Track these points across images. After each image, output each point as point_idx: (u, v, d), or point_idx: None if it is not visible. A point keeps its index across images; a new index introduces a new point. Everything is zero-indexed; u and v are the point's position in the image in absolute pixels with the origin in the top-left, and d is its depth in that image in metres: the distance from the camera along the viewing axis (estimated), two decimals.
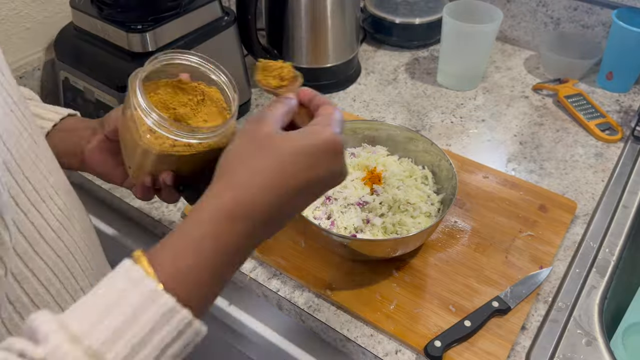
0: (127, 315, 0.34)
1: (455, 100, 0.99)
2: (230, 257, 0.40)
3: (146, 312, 0.34)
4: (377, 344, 0.62)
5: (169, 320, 0.35)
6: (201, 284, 0.38)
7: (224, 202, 0.40)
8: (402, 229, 0.68)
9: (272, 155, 0.42)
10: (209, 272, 0.38)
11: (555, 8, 1.06)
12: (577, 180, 0.82)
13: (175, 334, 0.35)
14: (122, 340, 0.33)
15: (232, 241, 0.40)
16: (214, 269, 0.39)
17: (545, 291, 0.67)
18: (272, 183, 0.41)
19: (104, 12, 0.79)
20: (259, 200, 0.41)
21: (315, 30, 0.96)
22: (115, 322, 0.34)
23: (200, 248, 0.38)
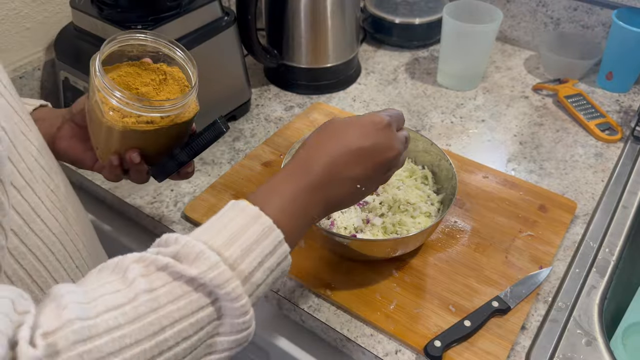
0: (238, 228, 0.43)
1: (455, 100, 0.99)
2: (305, 199, 0.49)
3: (251, 228, 0.44)
4: (377, 344, 0.62)
5: (268, 236, 0.44)
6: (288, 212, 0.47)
7: (298, 163, 0.51)
8: (402, 229, 0.68)
9: (336, 137, 0.52)
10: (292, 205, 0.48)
11: (555, 8, 1.06)
12: (577, 180, 0.82)
13: (271, 248, 0.44)
14: (236, 244, 0.42)
15: (305, 185, 0.49)
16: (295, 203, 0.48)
17: (545, 291, 0.67)
18: (329, 152, 0.51)
19: (104, 12, 0.79)
20: (320, 166, 0.50)
21: (315, 30, 0.96)
22: (229, 232, 0.43)
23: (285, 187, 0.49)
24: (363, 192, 0.53)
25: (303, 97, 1.00)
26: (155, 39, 0.57)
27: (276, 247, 0.45)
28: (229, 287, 0.40)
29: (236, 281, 0.41)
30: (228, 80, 0.90)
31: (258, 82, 1.04)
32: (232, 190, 0.79)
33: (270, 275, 0.44)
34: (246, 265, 0.42)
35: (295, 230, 0.48)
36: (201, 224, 0.76)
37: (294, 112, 0.97)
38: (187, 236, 0.42)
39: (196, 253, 0.41)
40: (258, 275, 0.43)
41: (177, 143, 0.59)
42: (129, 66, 0.58)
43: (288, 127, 0.92)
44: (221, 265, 0.40)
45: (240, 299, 0.41)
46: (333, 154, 0.51)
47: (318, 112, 0.95)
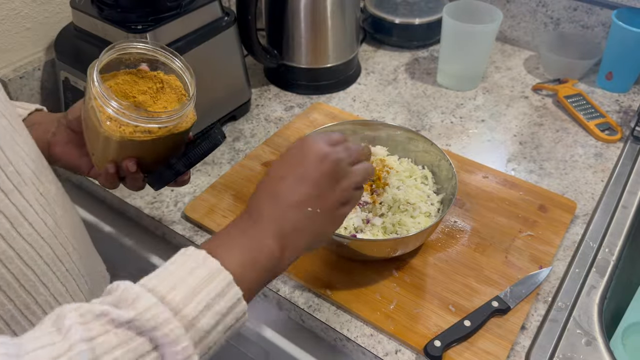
0: (198, 283, 0.41)
1: (455, 101, 0.99)
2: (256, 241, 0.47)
3: (212, 283, 0.41)
4: (377, 344, 0.62)
5: (227, 293, 0.42)
6: (247, 274, 0.45)
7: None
8: (402, 229, 0.68)
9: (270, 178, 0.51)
10: (241, 251, 0.45)
11: (555, 8, 1.06)
12: (577, 180, 0.82)
13: (230, 305, 0.42)
14: (194, 301, 0.40)
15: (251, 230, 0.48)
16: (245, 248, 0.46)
17: (545, 291, 0.67)
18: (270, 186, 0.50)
19: (104, 12, 0.79)
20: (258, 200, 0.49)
21: (315, 30, 0.96)
22: (174, 276, 0.41)
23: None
24: (322, 213, 0.50)
25: (303, 97, 1.00)
26: (154, 48, 0.57)
27: (225, 290, 0.42)
28: (166, 329, 0.37)
29: (175, 322, 0.38)
30: (228, 81, 0.90)
31: (258, 82, 1.04)
32: (232, 191, 0.80)
33: (221, 322, 0.41)
34: (190, 309, 0.39)
35: (248, 274, 0.45)
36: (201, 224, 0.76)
37: (294, 112, 0.97)
38: (129, 282, 0.40)
39: (134, 295, 0.38)
40: (205, 320, 0.40)
41: (174, 152, 0.59)
42: (126, 74, 0.58)
43: (288, 127, 0.92)
44: (158, 305, 0.38)
45: (180, 342, 0.38)
46: (271, 189, 0.49)
47: (318, 112, 0.95)
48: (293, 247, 0.49)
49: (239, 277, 0.43)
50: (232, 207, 0.77)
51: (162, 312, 0.38)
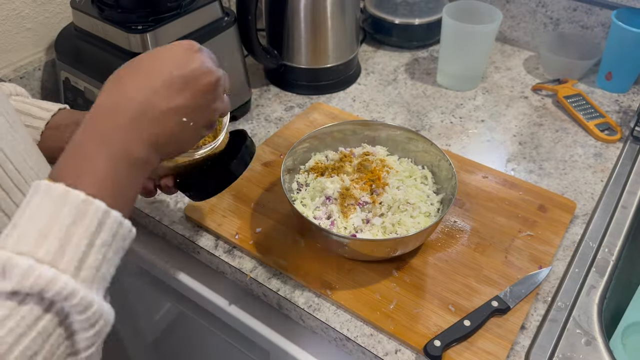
0: (46, 218, 0.37)
1: (455, 101, 0.99)
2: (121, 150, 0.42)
3: (62, 210, 0.37)
4: (376, 344, 0.62)
5: (86, 212, 0.38)
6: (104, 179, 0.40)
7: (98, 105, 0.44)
8: (402, 229, 0.68)
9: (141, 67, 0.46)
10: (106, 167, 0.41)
11: (555, 8, 1.06)
12: (577, 180, 0.82)
13: (96, 223, 0.38)
14: (48, 238, 0.36)
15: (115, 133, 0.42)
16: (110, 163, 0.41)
17: (544, 291, 0.67)
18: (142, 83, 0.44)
19: (105, 13, 0.79)
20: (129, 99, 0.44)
21: (315, 31, 0.96)
22: (36, 226, 0.37)
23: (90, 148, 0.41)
24: (193, 128, 0.47)
25: (303, 97, 1.00)
26: None
27: (102, 220, 0.39)
28: (56, 287, 0.35)
29: (62, 277, 0.36)
30: None
31: (258, 83, 1.05)
32: (232, 190, 0.80)
33: (109, 249, 0.39)
34: (71, 255, 0.37)
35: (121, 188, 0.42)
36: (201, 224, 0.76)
37: (294, 112, 0.97)
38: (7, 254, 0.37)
39: (3, 263, 0.35)
40: (91, 260, 0.38)
41: (211, 166, 0.60)
42: None
43: (288, 127, 0.92)
44: (37, 267, 0.35)
45: (76, 294, 0.36)
46: (146, 89, 0.44)
47: (318, 112, 0.95)
48: (158, 154, 0.46)
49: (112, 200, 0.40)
50: (232, 206, 0.77)
51: (42, 275, 0.35)
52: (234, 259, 0.71)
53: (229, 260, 0.71)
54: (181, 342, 1.02)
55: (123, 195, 0.42)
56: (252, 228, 0.74)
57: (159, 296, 0.90)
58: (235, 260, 0.71)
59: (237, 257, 0.72)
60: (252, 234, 0.73)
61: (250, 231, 0.73)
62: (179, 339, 1.02)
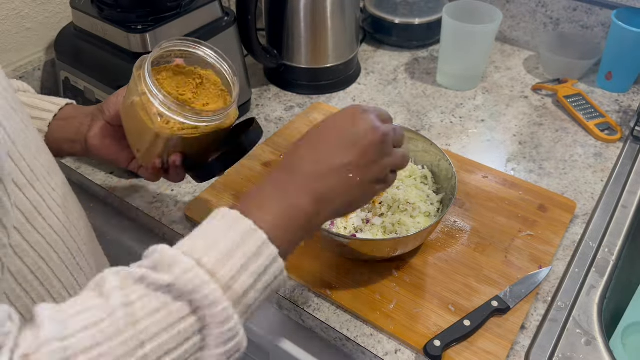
0: (232, 245, 0.41)
1: (455, 100, 0.99)
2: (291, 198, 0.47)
3: (246, 244, 0.42)
4: (376, 344, 0.62)
5: (262, 253, 0.42)
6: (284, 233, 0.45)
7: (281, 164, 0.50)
8: (402, 229, 0.68)
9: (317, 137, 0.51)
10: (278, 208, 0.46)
11: (555, 8, 1.06)
12: (577, 180, 0.82)
13: (266, 265, 0.42)
14: (229, 263, 0.40)
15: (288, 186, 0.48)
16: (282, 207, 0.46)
17: (544, 291, 0.67)
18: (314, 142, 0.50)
19: (105, 13, 0.79)
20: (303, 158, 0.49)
21: (315, 30, 0.96)
22: (224, 249, 0.41)
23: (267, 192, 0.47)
24: (360, 183, 0.50)
25: (303, 97, 1.00)
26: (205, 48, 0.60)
27: (260, 249, 0.42)
28: (205, 290, 0.38)
29: (213, 285, 0.39)
30: None
31: (258, 82, 1.05)
32: (232, 190, 0.80)
33: (259, 281, 0.42)
34: (227, 271, 0.40)
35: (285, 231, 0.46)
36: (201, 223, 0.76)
37: (294, 112, 0.97)
38: (166, 246, 0.41)
39: (171, 259, 0.39)
40: (243, 279, 0.41)
41: (216, 145, 0.61)
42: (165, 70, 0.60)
43: (288, 127, 0.92)
44: (195, 268, 0.39)
45: (219, 303, 0.39)
46: (315, 147, 0.49)
47: (318, 112, 0.95)
48: (326, 209, 0.49)
49: (274, 236, 0.43)
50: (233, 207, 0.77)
51: (199, 275, 0.38)
52: None
53: None
54: None
55: (285, 237, 0.45)
56: None
57: None
58: None
59: None
60: None
61: None
62: None
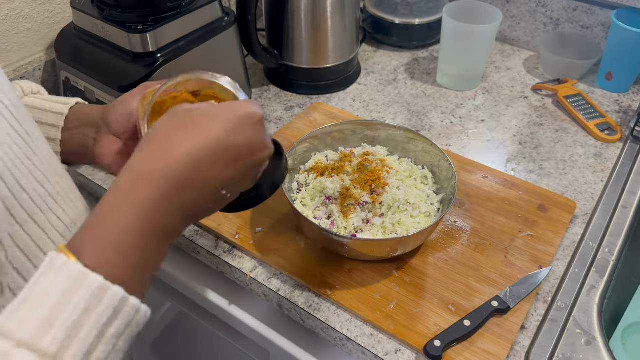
0: (57, 301, 0.33)
1: (455, 101, 0.99)
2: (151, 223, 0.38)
3: (75, 294, 0.34)
4: (377, 344, 0.62)
5: (101, 299, 0.34)
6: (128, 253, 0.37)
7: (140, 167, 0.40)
8: (402, 229, 0.68)
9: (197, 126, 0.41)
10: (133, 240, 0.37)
11: (555, 9, 1.06)
12: (577, 180, 0.82)
13: (111, 312, 0.35)
14: (55, 326, 0.33)
15: (150, 203, 0.38)
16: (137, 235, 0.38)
17: (544, 291, 0.67)
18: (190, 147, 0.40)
19: (105, 13, 0.79)
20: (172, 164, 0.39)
21: (315, 31, 0.96)
22: (45, 311, 0.33)
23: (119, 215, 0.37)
24: (225, 198, 0.44)
25: (303, 97, 1.00)
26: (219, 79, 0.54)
27: (118, 309, 0.35)
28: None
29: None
30: None
31: (258, 82, 1.05)
32: None
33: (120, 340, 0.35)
34: (78, 347, 0.33)
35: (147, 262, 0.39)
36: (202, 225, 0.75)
37: (294, 112, 0.97)
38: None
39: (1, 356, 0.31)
40: (101, 348, 0.34)
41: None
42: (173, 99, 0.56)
43: (288, 127, 0.92)
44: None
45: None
46: (194, 152, 0.40)
47: (318, 112, 0.95)
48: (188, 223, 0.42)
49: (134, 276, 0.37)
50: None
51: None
52: (234, 259, 0.71)
53: (229, 260, 0.71)
54: (181, 342, 1.02)
55: (147, 270, 0.39)
56: (252, 228, 0.74)
57: (159, 296, 0.90)
58: (235, 260, 0.71)
59: (237, 257, 0.72)
60: (252, 234, 0.73)
61: (250, 231, 0.73)
62: (179, 339, 1.02)
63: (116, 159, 0.57)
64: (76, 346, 0.33)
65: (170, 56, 0.79)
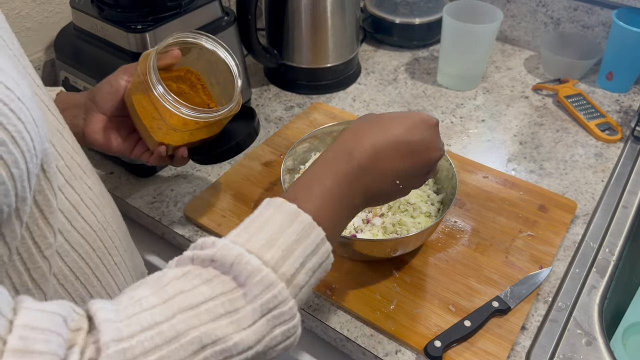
0: (277, 228, 0.42)
1: (455, 100, 0.99)
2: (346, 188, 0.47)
3: (291, 227, 0.42)
4: (377, 344, 0.62)
5: (309, 234, 0.42)
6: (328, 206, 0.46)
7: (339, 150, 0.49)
8: (402, 229, 0.68)
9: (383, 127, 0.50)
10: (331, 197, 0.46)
11: (555, 8, 1.06)
12: (577, 180, 0.82)
13: (313, 247, 0.42)
14: (275, 246, 0.41)
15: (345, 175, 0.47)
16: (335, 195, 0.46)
17: (545, 291, 0.67)
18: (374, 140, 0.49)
19: (104, 12, 0.79)
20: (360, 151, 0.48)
21: (315, 30, 0.96)
22: (268, 233, 0.41)
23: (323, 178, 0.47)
24: (400, 191, 0.51)
25: (303, 97, 1.00)
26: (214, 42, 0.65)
27: (318, 246, 0.43)
28: (275, 290, 0.39)
29: (280, 284, 0.39)
30: None
31: (258, 82, 1.04)
32: (232, 190, 0.79)
33: (312, 277, 0.43)
34: (288, 267, 0.40)
35: (337, 223, 0.47)
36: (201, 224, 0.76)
37: (294, 112, 0.97)
38: (223, 239, 0.41)
39: (234, 256, 0.39)
40: (301, 277, 0.41)
41: (216, 134, 0.65)
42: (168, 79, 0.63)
43: (288, 127, 0.92)
44: (263, 268, 0.39)
45: (287, 302, 0.39)
46: (377, 144, 0.49)
47: (318, 112, 0.95)
48: (368, 204, 0.50)
49: (329, 232, 0.44)
50: (232, 206, 0.77)
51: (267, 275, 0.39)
52: None
53: None
54: None
55: (335, 229, 0.47)
56: None
57: None
58: None
59: None
60: None
61: None
62: None
63: (105, 133, 0.63)
64: (286, 266, 0.40)
65: None
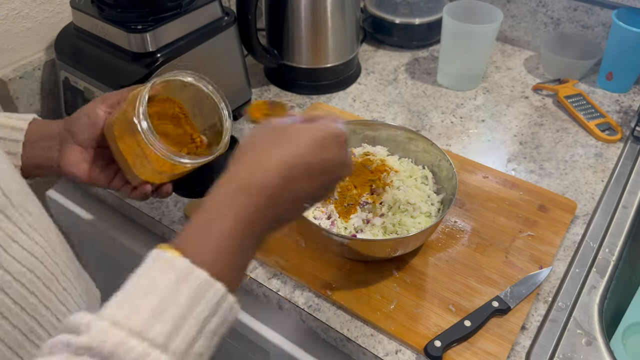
0: (165, 293, 0.35)
1: (455, 100, 0.99)
2: (249, 229, 0.41)
3: (182, 287, 0.36)
4: (377, 344, 0.62)
5: (205, 294, 0.36)
6: (228, 255, 0.39)
7: (240, 179, 0.42)
8: (402, 229, 0.68)
9: (287, 142, 0.44)
10: (232, 243, 0.40)
11: (555, 8, 1.06)
12: (577, 180, 0.82)
13: (212, 307, 0.37)
14: (163, 317, 0.35)
15: (248, 213, 0.41)
16: (236, 239, 0.40)
17: (545, 291, 0.67)
18: (286, 162, 0.43)
19: (105, 12, 0.79)
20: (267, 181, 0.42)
21: (315, 30, 0.96)
22: (155, 300, 0.35)
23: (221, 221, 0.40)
24: (305, 209, 0.47)
25: (303, 97, 1.00)
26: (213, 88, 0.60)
27: (218, 304, 0.37)
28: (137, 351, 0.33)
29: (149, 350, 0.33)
30: (228, 81, 0.90)
31: (258, 82, 1.04)
32: None
33: (215, 337, 0.38)
34: (181, 341, 0.35)
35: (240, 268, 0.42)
36: None
37: None
38: (99, 319, 0.34)
39: (112, 345, 0.33)
40: (200, 343, 0.36)
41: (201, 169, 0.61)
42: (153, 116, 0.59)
43: None
44: (149, 353, 0.33)
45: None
46: (284, 166, 0.43)
47: (318, 112, 0.95)
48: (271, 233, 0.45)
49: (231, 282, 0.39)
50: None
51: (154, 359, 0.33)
52: None
53: None
54: None
55: (237, 275, 0.41)
56: None
57: None
58: None
59: None
60: None
61: None
62: None
63: (83, 167, 0.58)
64: (180, 340, 0.35)
65: (169, 56, 0.79)
